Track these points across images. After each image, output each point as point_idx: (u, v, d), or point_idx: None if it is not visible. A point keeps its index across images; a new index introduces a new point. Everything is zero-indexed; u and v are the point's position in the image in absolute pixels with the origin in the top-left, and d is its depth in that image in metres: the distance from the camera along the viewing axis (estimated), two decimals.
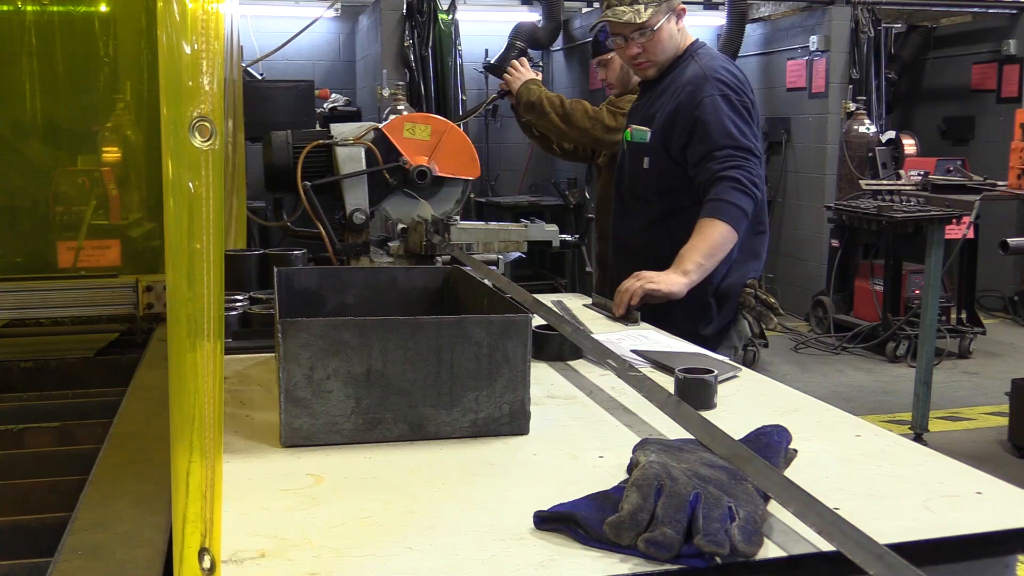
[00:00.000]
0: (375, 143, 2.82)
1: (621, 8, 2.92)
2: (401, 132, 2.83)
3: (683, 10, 2.99)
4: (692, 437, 1.38)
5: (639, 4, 2.90)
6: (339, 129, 2.85)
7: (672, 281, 2.68)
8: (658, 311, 2.67)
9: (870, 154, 7.80)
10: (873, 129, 7.95)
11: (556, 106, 3.78)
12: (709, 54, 3.02)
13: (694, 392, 1.77)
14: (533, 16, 8.70)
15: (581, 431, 1.66)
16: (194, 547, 0.97)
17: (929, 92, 9.87)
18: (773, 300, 2.90)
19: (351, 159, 2.78)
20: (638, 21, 2.90)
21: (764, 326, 2.91)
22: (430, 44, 7.85)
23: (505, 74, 3.89)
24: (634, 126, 3.07)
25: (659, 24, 2.91)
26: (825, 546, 1.10)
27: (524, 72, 3.86)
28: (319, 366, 1.52)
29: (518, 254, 2.89)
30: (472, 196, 8.28)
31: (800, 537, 1.19)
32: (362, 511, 1.29)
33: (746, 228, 2.80)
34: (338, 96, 8.80)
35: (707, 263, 2.74)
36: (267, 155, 2.82)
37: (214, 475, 0.99)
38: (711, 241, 2.74)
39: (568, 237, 3.03)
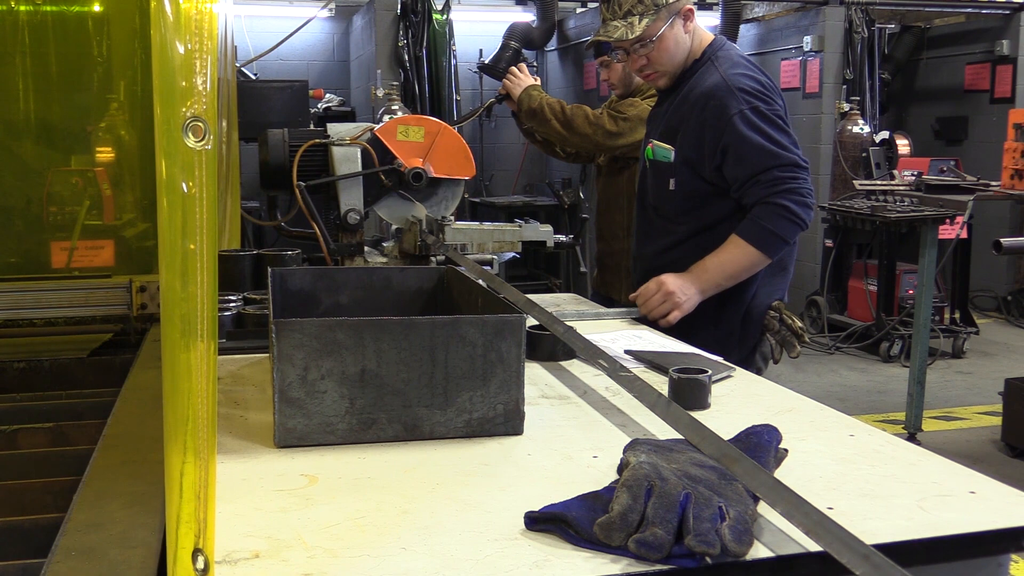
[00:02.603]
0: (370, 144, 2.82)
1: (613, 23, 2.76)
2: (395, 135, 2.82)
3: (690, 11, 2.77)
4: (682, 437, 1.39)
5: (633, 16, 2.73)
6: (336, 129, 2.85)
7: (692, 304, 2.67)
8: (682, 339, 2.54)
9: (864, 154, 7.82)
10: (867, 129, 7.97)
11: (557, 112, 3.78)
12: (729, 58, 2.80)
13: (688, 392, 1.78)
14: (527, 16, 8.71)
15: (575, 431, 1.66)
16: (188, 548, 0.97)
17: (923, 92, 9.90)
18: (800, 325, 2.77)
19: (347, 159, 2.77)
20: (630, 36, 2.72)
21: (787, 352, 2.80)
22: (424, 44, 7.86)
23: (505, 80, 3.89)
24: (655, 142, 2.87)
25: (659, 33, 2.73)
26: (815, 546, 1.10)
27: (524, 78, 3.87)
28: (313, 366, 1.52)
29: (512, 254, 2.89)
30: (466, 196, 8.29)
31: (789, 537, 1.20)
32: (356, 511, 1.29)
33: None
34: (332, 96, 8.81)
35: (726, 284, 2.71)
36: (263, 153, 2.81)
37: (208, 476, 0.99)
38: (738, 264, 2.69)
39: (562, 237, 3.02)
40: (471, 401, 1.59)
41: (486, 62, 8.73)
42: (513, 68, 3.92)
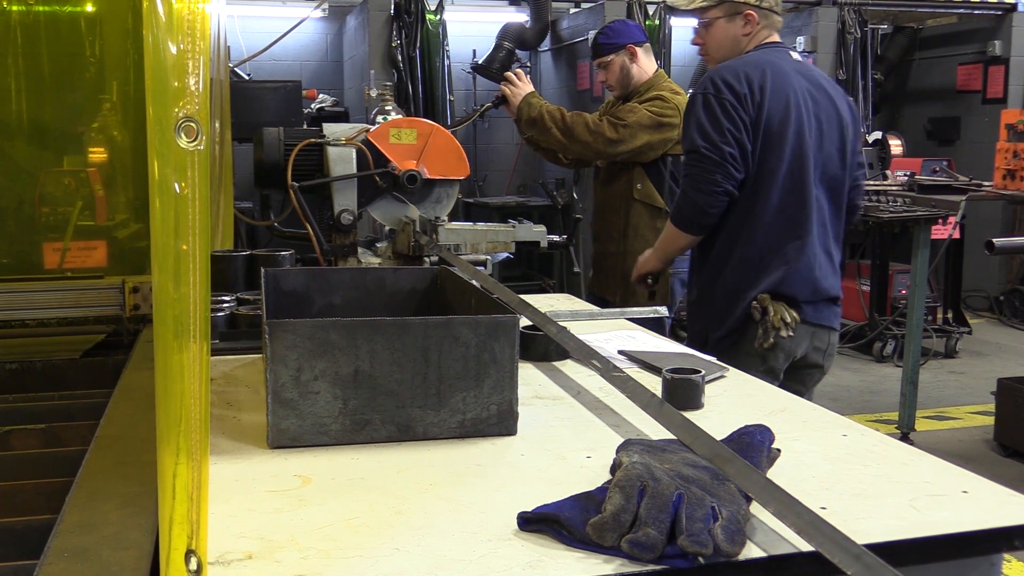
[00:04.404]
0: (365, 145, 2.82)
1: None
2: (387, 138, 2.82)
3: (751, 16, 3.01)
4: (675, 437, 1.39)
5: None
6: (331, 129, 2.85)
7: (644, 262, 3.30)
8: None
9: None
10: (860, 129, 7.97)
11: (557, 121, 3.82)
12: (740, 56, 3.05)
13: (681, 392, 1.78)
14: (521, 16, 8.70)
15: (568, 432, 1.66)
16: (181, 549, 0.97)
17: (915, 93, 9.92)
18: (782, 318, 2.89)
19: (342, 159, 2.77)
20: (686, 7, 3.06)
21: (761, 343, 2.92)
22: (418, 44, 7.85)
23: (504, 89, 3.92)
24: None
25: (712, 19, 3.02)
26: (807, 546, 1.10)
27: (522, 86, 3.91)
28: (306, 367, 1.52)
29: (506, 255, 2.90)
30: (460, 197, 8.27)
31: (782, 537, 1.20)
32: (349, 512, 1.29)
33: (706, 227, 2.99)
34: (326, 96, 8.79)
35: (665, 251, 3.22)
36: (258, 152, 2.81)
37: (200, 477, 0.98)
38: (667, 236, 3.17)
39: (556, 238, 3.03)
40: (464, 401, 1.59)
41: (480, 63, 8.73)
42: (510, 75, 3.95)
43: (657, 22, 8.03)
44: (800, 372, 3.07)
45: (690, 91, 3.02)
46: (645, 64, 4.05)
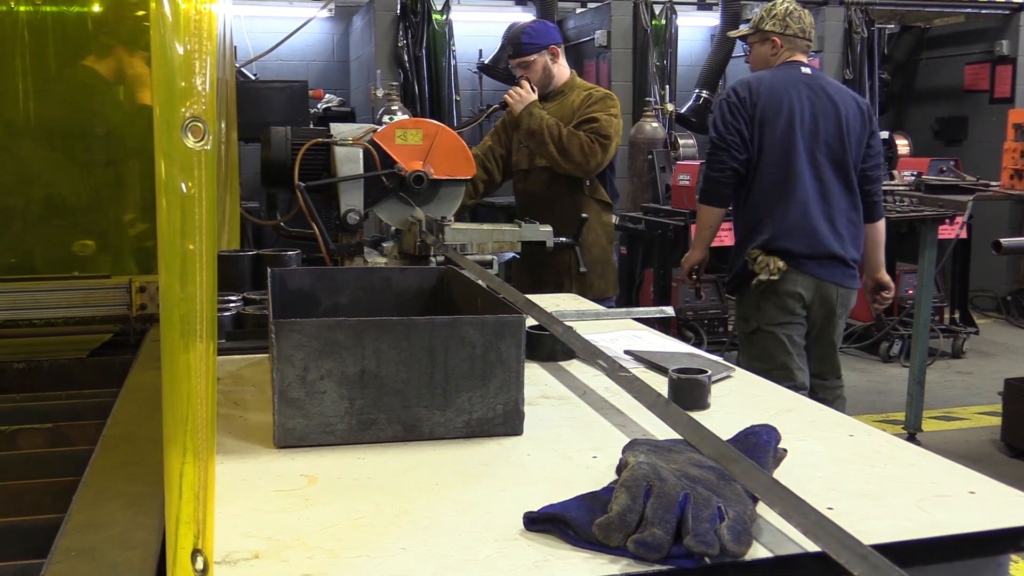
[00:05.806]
0: (371, 145, 2.82)
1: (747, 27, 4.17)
2: (393, 139, 2.82)
3: (776, 42, 3.95)
4: (681, 437, 1.38)
5: (749, 27, 4.11)
6: (339, 129, 2.85)
7: (691, 260, 4.19)
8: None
9: None
10: None
11: (555, 137, 3.91)
12: (757, 73, 4.02)
13: (688, 392, 1.78)
14: (527, 16, 8.70)
15: (574, 432, 1.66)
16: (187, 548, 0.97)
17: (922, 92, 9.90)
18: (766, 267, 3.79)
19: (349, 159, 2.78)
20: (735, 33, 4.39)
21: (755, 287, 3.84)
22: (424, 44, 7.86)
23: (506, 96, 4.01)
24: None
25: (750, 43, 4.06)
26: (813, 547, 1.10)
27: (525, 96, 4.01)
28: (313, 367, 1.52)
29: (512, 255, 2.89)
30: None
31: (788, 538, 1.20)
32: (356, 512, 1.29)
33: (716, 202, 3.97)
34: (332, 96, 8.80)
35: (699, 232, 4.14)
36: (265, 151, 2.81)
37: (207, 476, 0.99)
38: (697, 222, 4.19)
39: (562, 238, 3.03)
40: (471, 401, 1.59)
41: (486, 62, 8.73)
42: (515, 87, 4.05)
43: (663, 22, 8.03)
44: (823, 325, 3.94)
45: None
46: (564, 64, 4.27)
